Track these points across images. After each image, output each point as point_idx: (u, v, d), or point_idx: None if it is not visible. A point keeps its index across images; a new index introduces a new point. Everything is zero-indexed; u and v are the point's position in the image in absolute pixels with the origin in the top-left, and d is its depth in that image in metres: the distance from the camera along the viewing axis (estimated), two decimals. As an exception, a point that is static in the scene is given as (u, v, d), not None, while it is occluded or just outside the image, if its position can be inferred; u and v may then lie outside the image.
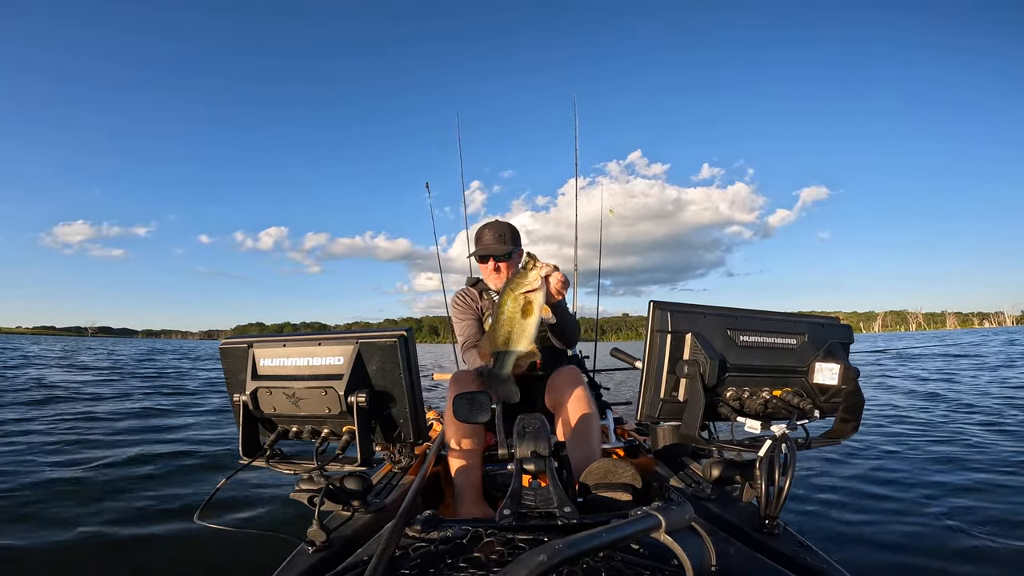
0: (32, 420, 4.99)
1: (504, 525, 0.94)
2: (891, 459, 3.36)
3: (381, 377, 1.05)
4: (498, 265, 1.97)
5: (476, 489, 1.57)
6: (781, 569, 0.82)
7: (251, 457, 1.13)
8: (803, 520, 2.36)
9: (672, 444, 1.76)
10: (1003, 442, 3.73)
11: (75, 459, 3.51)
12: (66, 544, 2.16)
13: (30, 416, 5.21)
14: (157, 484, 3.02)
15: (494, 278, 2.00)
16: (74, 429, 4.60)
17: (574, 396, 1.63)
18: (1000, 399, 5.80)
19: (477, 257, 2.00)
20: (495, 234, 1.99)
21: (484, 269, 2.01)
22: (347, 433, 1.07)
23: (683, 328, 1.06)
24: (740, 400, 1.09)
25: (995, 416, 4.77)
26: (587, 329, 3.84)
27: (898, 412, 5.14)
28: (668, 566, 0.73)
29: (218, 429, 4.80)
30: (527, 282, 1.42)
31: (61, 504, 2.62)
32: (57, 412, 5.54)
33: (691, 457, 1.64)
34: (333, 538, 1.03)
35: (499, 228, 2.00)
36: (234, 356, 1.14)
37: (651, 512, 0.63)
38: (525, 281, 1.42)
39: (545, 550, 0.50)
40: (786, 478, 0.99)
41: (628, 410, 2.84)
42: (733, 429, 1.14)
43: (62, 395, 7.09)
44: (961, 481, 2.85)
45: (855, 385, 1.09)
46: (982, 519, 2.30)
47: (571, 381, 1.67)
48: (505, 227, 2.01)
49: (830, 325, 1.20)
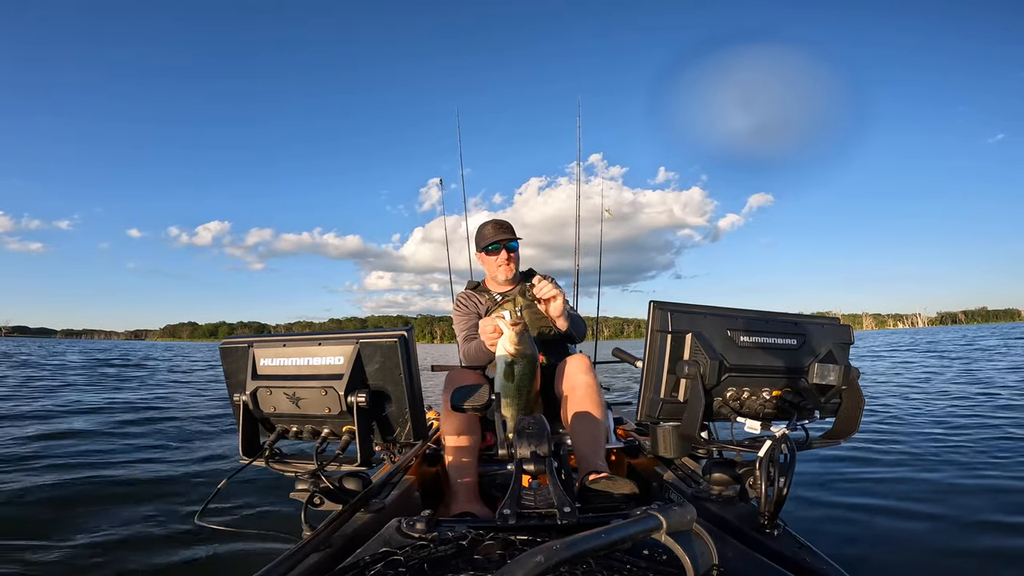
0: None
1: (503, 525, 0.94)
2: (891, 459, 3.36)
3: (381, 377, 1.05)
4: (510, 256, 2.04)
5: (472, 487, 1.57)
6: (781, 570, 0.82)
7: (251, 457, 1.13)
8: (803, 521, 2.36)
9: (672, 444, 1.76)
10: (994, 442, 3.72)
11: (74, 460, 3.51)
12: (67, 545, 2.16)
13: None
14: (157, 485, 3.02)
15: (504, 269, 2.04)
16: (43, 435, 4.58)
17: (583, 385, 1.65)
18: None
19: (486, 249, 2.04)
20: (501, 226, 2.06)
21: (493, 261, 2.05)
22: (347, 433, 1.07)
23: (683, 328, 1.06)
24: (740, 400, 1.09)
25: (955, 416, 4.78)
26: (589, 326, 3.84)
27: (897, 411, 5.14)
28: (669, 567, 0.73)
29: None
30: (510, 348, 1.53)
31: (62, 505, 2.62)
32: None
33: (691, 457, 1.64)
34: (333, 538, 1.03)
35: (501, 222, 2.09)
36: (234, 356, 1.14)
37: (652, 512, 0.62)
38: (510, 348, 1.53)
39: (543, 551, 0.50)
40: (786, 479, 0.99)
41: (628, 410, 2.84)
42: (733, 429, 1.14)
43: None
44: (963, 481, 2.84)
45: (855, 385, 1.08)
46: (983, 518, 2.30)
47: (581, 369, 1.69)
48: (505, 221, 2.09)
49: (830, 326, 1.19)
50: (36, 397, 6.81)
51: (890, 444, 3.74)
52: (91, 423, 4.94)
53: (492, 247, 2.02)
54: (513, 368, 1.52)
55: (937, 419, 4.64)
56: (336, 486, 1.13)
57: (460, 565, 0.76)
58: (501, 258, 2.02)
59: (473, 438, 1.62)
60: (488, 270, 2.11)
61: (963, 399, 5.76)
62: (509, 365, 1.52)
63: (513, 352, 1.52)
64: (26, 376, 10.12)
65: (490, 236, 2.03)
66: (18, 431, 4.39)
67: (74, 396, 7.04)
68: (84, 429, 4.60)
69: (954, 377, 8.15)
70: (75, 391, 7.66)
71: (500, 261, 2.03)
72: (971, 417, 4.65)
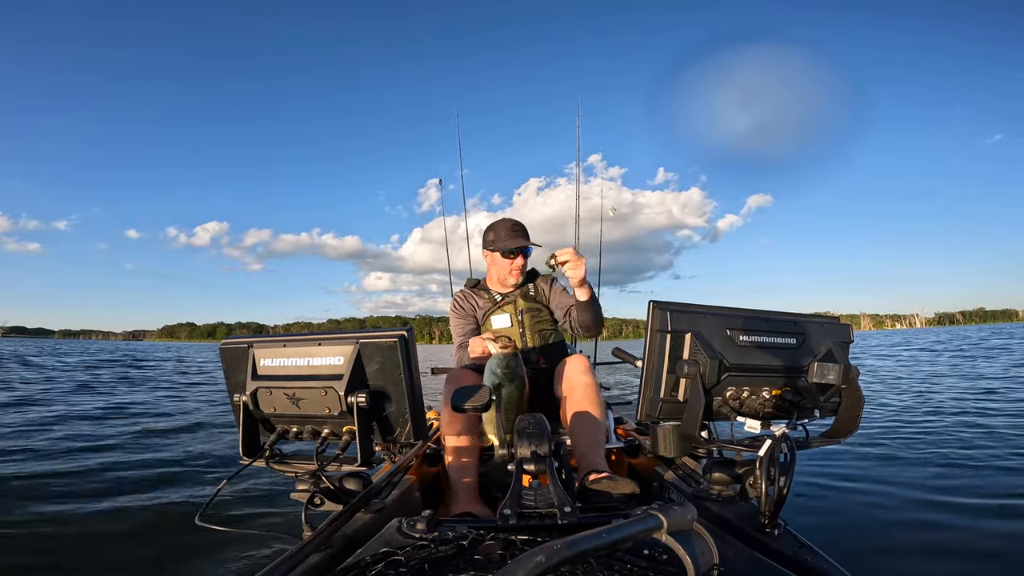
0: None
1: (504, 525, 0.94)
2: (892, 458, 3.36)
3: (381, 377, 1.05)
4: (524, 261, 2.03)
5: (472, 487, 1.57)
6: (782, 569, 0.82)
7: (251, 458, 1.13)
8: (804, 520, 2.36)
9: (672, 444, 1.76)
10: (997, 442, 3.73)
11: (74, 461, 3.51)
12: (68, 546, 2.16)
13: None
14: (157, 485, 3.02)
15: (516, 274, 2.03)
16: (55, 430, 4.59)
17: (582, 385, 1.64)
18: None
19: (503, 252, 2.00)
20: (518, 230, 2.03)
21: (507, 264, 2.02)
22: (347, 433, 1.07)
23: (682, 328, 1.06)
24: (740, 400, 1.09)
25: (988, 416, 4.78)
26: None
27: (895, 410, 5.14)
28: (669, 566, 0.73)
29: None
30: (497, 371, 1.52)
31: (61, 507, 2.62)
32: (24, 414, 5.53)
33: (691, 457, 1.64)
34: (334, 538, 1.03)
35: (518, 224, 2.05)
36: (234, 356, 1.14)
37: (652, 512, 0.62)
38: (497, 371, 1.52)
39: (544, 550, 0.50)
40: (786, 478, 0.99)
41: (628, 410, 2.84)
42: (733, 429, 1.14)
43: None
44: (963, 480, 2.85)
45: (855, 384, 1.08)
46: (985, 519, 2.30)
47: (580, 369, 1.68)
48: (521, 224, 2.06)
49: (829, 324, 1.19)
50: (51, 400, 6.81)
51: (901, 444, 3.75)
52: (90, 423, 4.94)
53: (511, 252, 1.99)
54: (500, 391, 1.50)
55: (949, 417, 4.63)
56: (336, 486, 1.13)
57: (461, 565, 0.76)
58: (517, 263, 2.00)
59: (473, 438, 1.62)
60: (497, 271, 2.07)
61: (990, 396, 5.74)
62: (496, 388, 1.50)
63: (500, 375, 1.51)
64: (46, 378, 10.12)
65: (508, 239, 1.99)
66: (19, 431, 4.39)
67: (80, 398, 7.05)
68: (85, 429, 4.61)
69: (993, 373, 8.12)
70: (92, 394, 7.66)
71: (516, 266, 2.01)
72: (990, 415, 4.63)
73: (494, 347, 1.55)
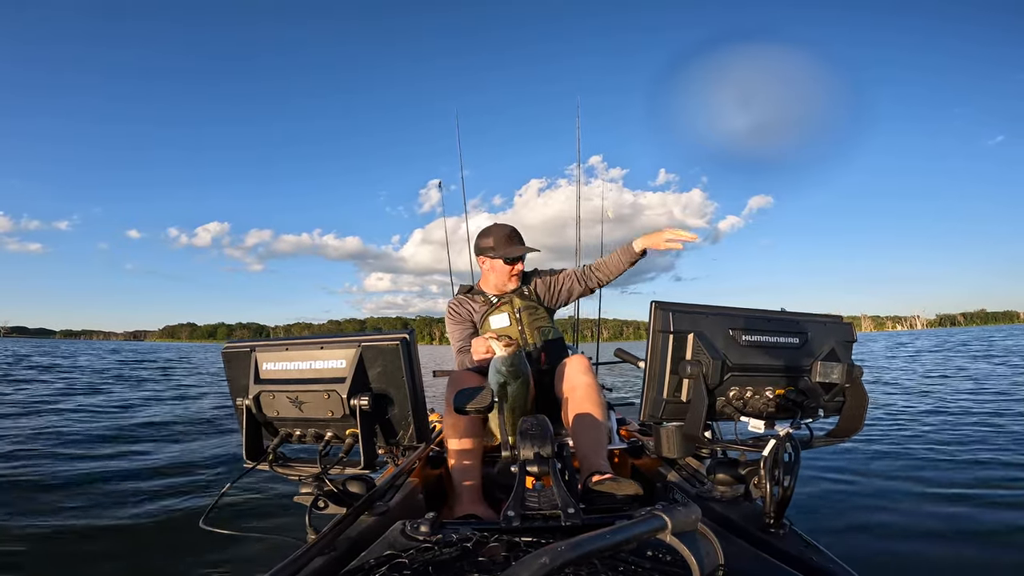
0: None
1: (508, 527, 0.94)
2: (893, 458, 3.34)
3: (383, 380, 1.05)
4: (522, 267, 2.06)
5: (475, 489, 1.57)
6: (788, 569, 0.82)
7: (255, 461, 1.13)
8: (809, 519, 2.35)
9: (675, 444, 1.75)
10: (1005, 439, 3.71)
11: (75, 464, 3.52)
12: (68, 547, 2.16)
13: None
14: (160, 489, 3.03)
15: (515, 279, 2.06)
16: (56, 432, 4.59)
17: (583, 385, 1.64)
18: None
19: (505, 258, 2.02)
20: (516, 237, 2.05)
21: (506, 270, 2.04)
22: (350, 436, 1.07)
23: (685, 328, 1.05)
24: (743, 400, 1.08)
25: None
26: (589, 327, 3.84)
27: (896, 411, 5.12)
28: (674, 567, 0.73)
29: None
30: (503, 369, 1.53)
31: (65, 511, 2.62)
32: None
33: (695, 457, 1.63)
34: (338, 541, 1.03)
35: (515, 232, 2.07)
36: (237, 360, 1.14)
37: (657, 513, 0.62)
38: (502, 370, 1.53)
39: (547, 552, 0.50)
40: (791, 477, 0.99)
41: (631, 410, 2.83)
42: (736, 429, 1.13)
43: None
44: (967, 480, 2.83)
45: (859, 383, 1.08)
46: (988, 518, 2.29)
47: (580, 369, 1.68)
48: (517, 230, 2.08)
49: (832, 324, 1.19)
50: (52, 400, 6.83)
51: (904, 443, 3.73)
52: (91, 424, 4.95)
53: (512, 260, 2.03)
54: (506, 389, 1.51)
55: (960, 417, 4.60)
56: (340, 489, 1.12)
57: (465, 567, 0.76)
58: (517, 268, 2.04)
59: (476, 440, 1.62)
60: (495, 276, 2.08)
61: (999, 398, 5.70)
62: (502, 386, 1.51)
63: (505, 373, 1.52)
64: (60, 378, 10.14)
65: (509, 247, 2.02)
66: (19, 430, 4.40)
67: (80, 399, 7.06)
68: (85, 430, 4.62)
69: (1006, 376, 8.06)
70: (93, 394, 7.68)
71: (515, 272, 2.04)
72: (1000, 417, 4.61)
73: (498, 346, 1.55)
